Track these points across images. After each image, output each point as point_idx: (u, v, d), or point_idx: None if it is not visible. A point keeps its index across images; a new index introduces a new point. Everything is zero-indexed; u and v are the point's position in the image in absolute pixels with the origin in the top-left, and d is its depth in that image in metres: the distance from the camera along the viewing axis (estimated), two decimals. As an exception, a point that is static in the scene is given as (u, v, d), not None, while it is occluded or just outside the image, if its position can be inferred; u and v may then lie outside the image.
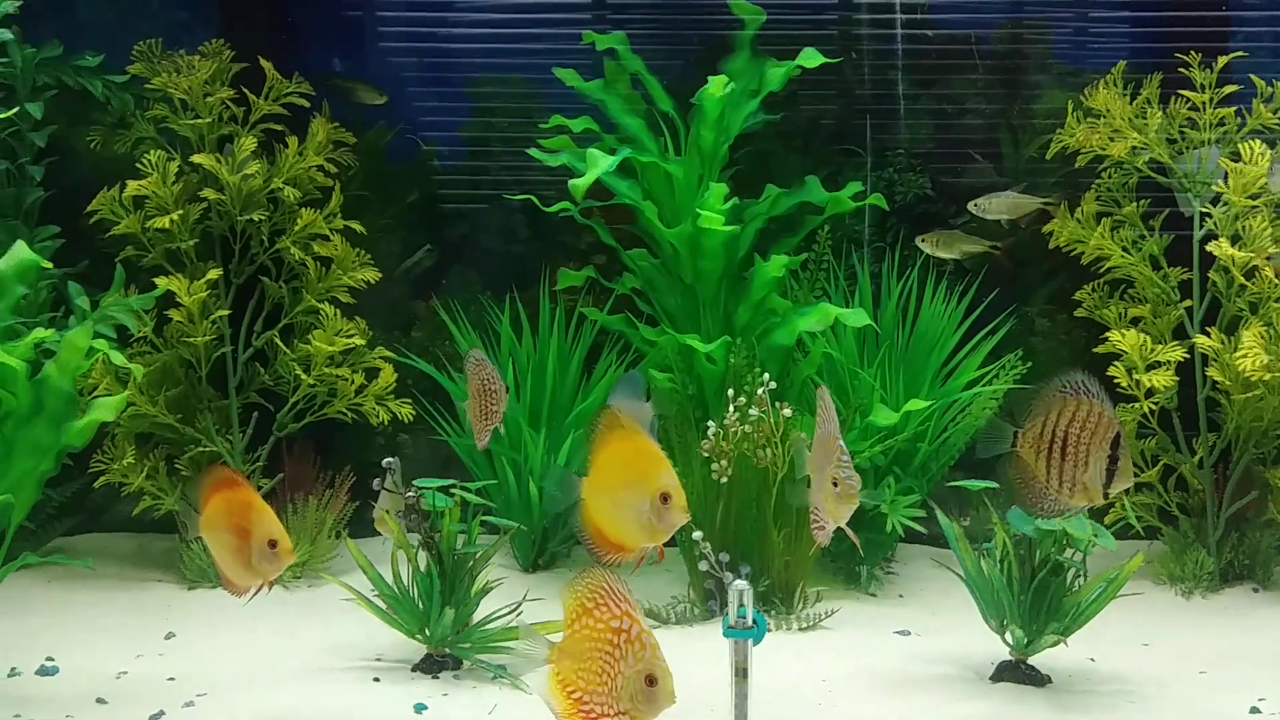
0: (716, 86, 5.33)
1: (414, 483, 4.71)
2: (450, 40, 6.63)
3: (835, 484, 3.76)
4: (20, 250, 4.55)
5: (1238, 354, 5.30)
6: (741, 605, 3.84)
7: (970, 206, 6.01)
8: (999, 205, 5.96)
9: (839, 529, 3.89)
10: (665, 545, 6.05)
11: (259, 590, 4.01)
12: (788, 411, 5.13)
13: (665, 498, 3.66)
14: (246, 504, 3.94)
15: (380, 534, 4.94)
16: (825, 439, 3.84)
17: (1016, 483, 4.00)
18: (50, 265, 4.83)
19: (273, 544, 3.90)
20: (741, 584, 3.86)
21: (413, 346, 6.37)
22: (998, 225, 6.06)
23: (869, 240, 6.29)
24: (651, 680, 3.51)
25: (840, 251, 6.12)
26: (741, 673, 3.86)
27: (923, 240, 5.99)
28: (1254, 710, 4.35)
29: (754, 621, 3.85)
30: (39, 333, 4.44)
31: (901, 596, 5.70)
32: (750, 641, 3.86)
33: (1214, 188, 5.55)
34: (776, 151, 6.33)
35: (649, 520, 3.69)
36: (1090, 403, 3.86)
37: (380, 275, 6.10)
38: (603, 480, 3.82)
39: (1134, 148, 5.63)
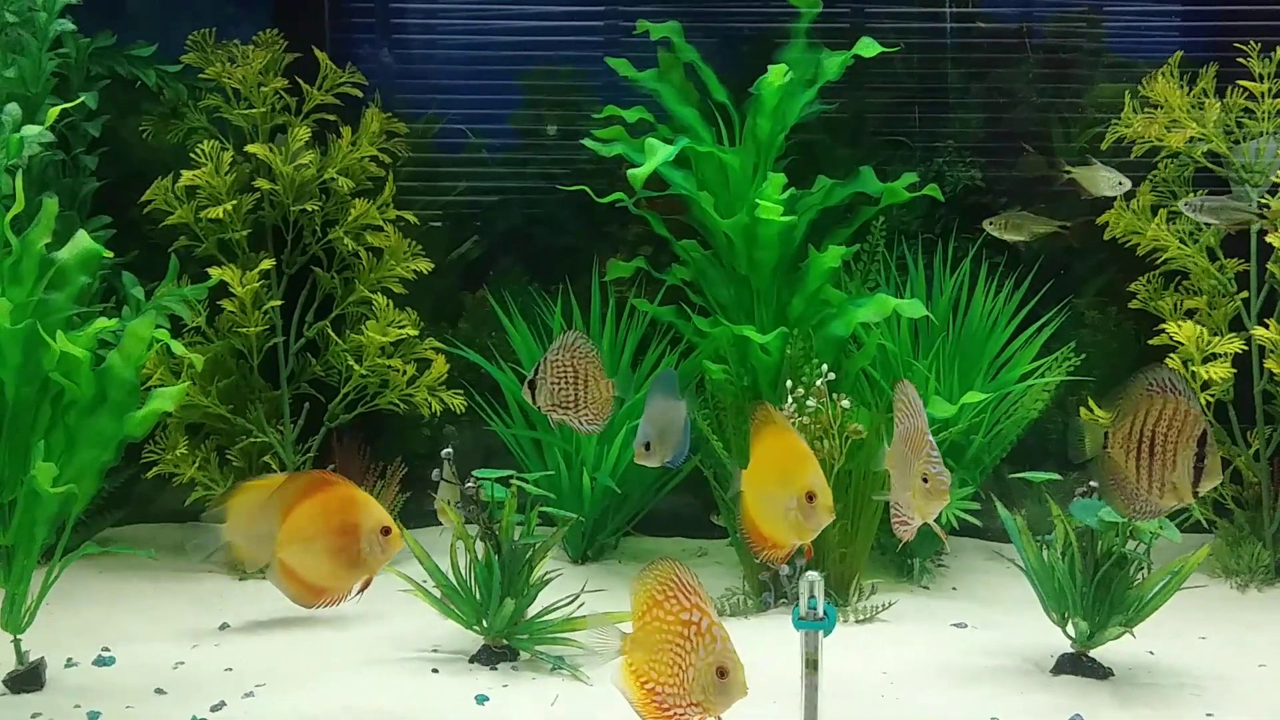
0: (776, 75, 5.30)
1: (473, 473, 4.70)
2: (498, 32, 6.60)
3: (925, 480, 3.72)
4: (82, 240, 4.54)
5: (1297, 346, 5.28)
6: (812, 596, 3.81)
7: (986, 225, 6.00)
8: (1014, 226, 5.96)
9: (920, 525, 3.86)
10: (719, 536, 6.09)
11: (366, 587, 3.95)
12: (845, 403, 5.11)
13: (811, 497, 3.65)
14: (349, 499, 3.87)
15: (440, 524, 4.92)
16: (912, 434, 3.80)
17: (1109, 484, 3.95)
18: (110, 255, 4.82)
19: (386, 530, 3.85)
20: (813, 575, 3.83)
21: (460, 337, 6.37)
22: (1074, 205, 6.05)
23: (919, 232, 6.26)
24: (723, 672, 3.50)
25: (890, 243, 6.09)
26: (812, 664, 3.84)
27: (990, 223, 5.94)
28: (1317, 704, 4.34)
29: (824, 613, 3.83)
30: (101, 322, 4.43)
31: (955, 589, 5.68)
32: (820, 633, 3.84)
33: (1273, 178, 5.51)
34: (824, 142, 6.31)
35: (796, 518, 3.69)
36: (1177, 400, 3.81)
37: (432, 266, 6.10)
38: (758, 475, 3.84)
39: (1191, 138, 5.59)
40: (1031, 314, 5.97)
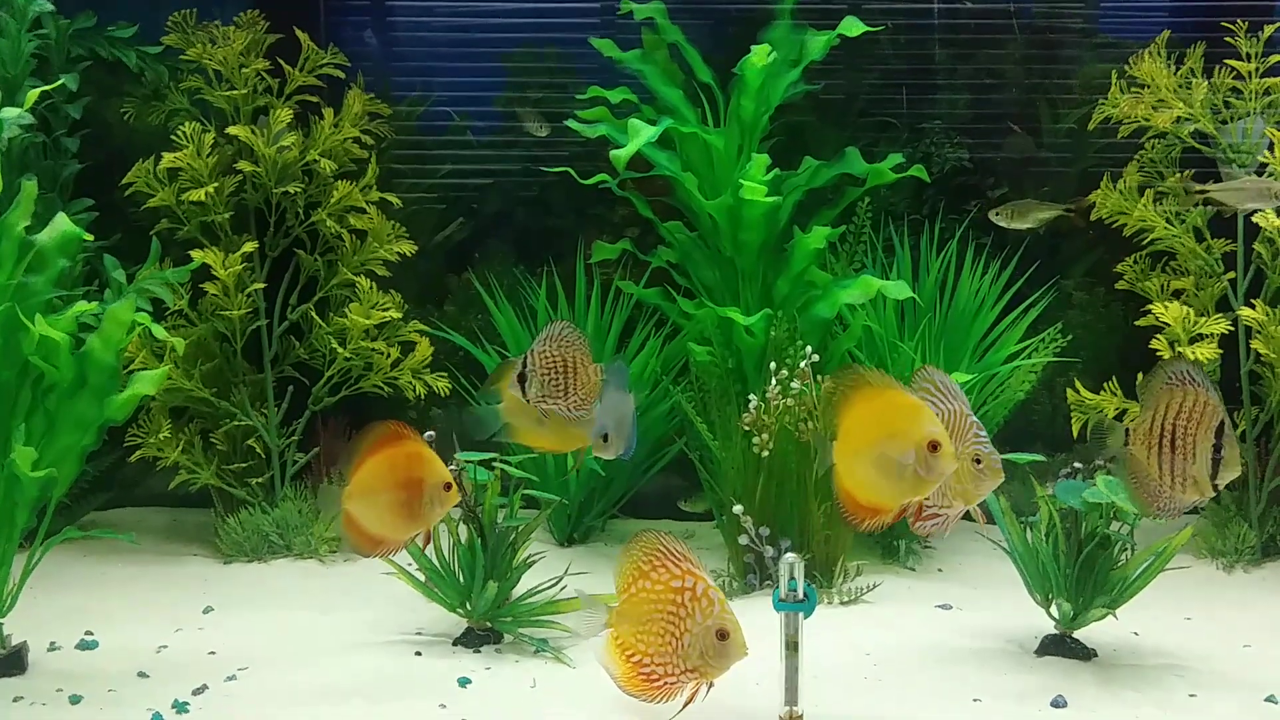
0: (759, 56, 5.27)
1: (456, 456, 4.69)
2: (483, 14, 6.56)
3: (979, 460, 3.64)
4: (61, 223, 4.51)
5: (1283, 326, 5.27)
6: (792, 578, 3.80)
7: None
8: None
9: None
10: (706, 519, 6.07)
11: (429, 540, 4.29)
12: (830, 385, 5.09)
13: (934, 446, 3.54)
14: (415, 455, 4.10)
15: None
16: (950, 418, 3.69)
17: (1131, 483, 3.88)
18: (91, 238, 4.80)
19: (448, 486, 4.08)
20: (792, 556, 3.83)
21: (446, 320, 6.34)
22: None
23: (905, 213, 6.24)
24: (723, 634, 3.51)
25: (877, 224, 6.07)
26: (792, 646, 3.84)
27: (997, 214, 5.91)
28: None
29: (805, 594, 3.82)
30: (81, 305, 4.41)
31: (940, 570, 5.68)
32: (801, 614, 3.83)
33: (1259, 158, 5.49)
34: (811, 123, 6.28)
35: (913, 474, 3.57)
36: (1196, 392, 3.75)
37: (416, 248, 6.07)
38: (857, 440, 3.67)
39: (1178, 118, 5.57)
40: (1018, 295, 5.95)
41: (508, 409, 4.43)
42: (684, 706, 3.73)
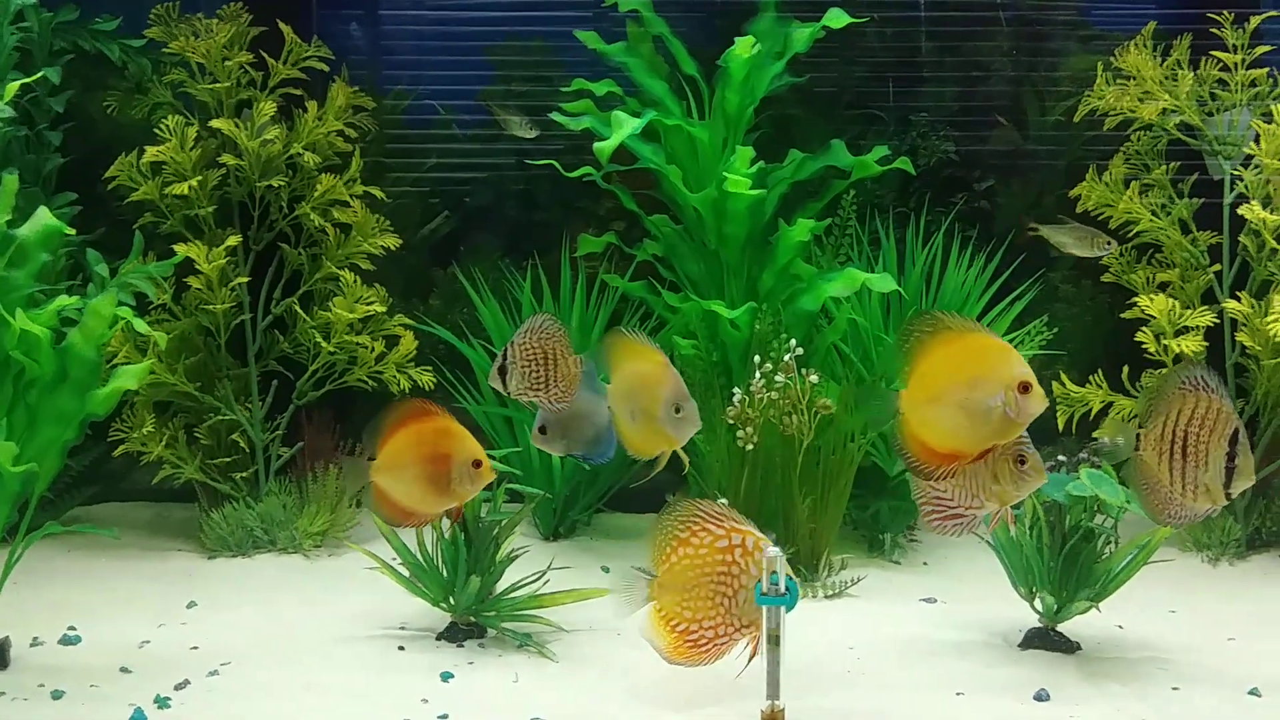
0: (743, 48, 5.26)
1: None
2: (469, 7, 6.54)
3: (1023, 460, 3.61)
4: (43, 216, 4.50)
5: (1268, 318, 5.26)
6: (774, 572, 3.80)
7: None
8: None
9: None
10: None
11: (458, 516, 4.38)
12: (814, 378, 5.09)
13: (1025, 387, 3.52)
14: (444, 430, 4.18)
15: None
16: None
17: (1141, 489, 3.84)
18: (73, 232, 4.78)
19: (477, 464, 4.14)
20: (774, 550, 3.82)
21: (431, 313, 6.33)
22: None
23: (891, 205, 6.23)
24: None
25: (863, 217, 6.06)
26: (774, 639, 3.82)
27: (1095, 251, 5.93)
28: (1287, 677, 4.33)
29: (786, 588, 3.81)
30: (63, 300, 4.39)
31: (926, 564, 5.68)
32: (783, 608, 3.83)
33: (1246, 150, 5.49)
34: (797, 115, 6.27)
35: (1001, 416, 3.53)
36: (1210, 398, 3.72)
37: (400, 242, 6.06)
38: (933, 387, 3.62)
39: (1164, 110, 5.56)
40: (1005, 287, 5.95)
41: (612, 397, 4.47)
42: (749, 661, 3.79)
